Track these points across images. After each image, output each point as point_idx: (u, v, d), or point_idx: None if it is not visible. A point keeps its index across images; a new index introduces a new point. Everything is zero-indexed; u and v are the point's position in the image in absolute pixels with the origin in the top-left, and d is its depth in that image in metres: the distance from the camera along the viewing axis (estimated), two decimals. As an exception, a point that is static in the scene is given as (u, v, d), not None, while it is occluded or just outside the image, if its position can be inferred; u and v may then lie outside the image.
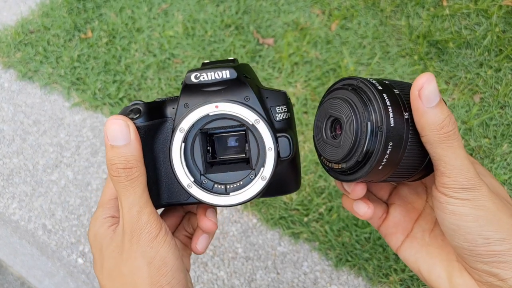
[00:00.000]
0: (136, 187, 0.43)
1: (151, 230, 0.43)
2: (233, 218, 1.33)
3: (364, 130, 0.39)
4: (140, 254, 0.43)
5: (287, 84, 1.54)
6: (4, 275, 1.37)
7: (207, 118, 0.46)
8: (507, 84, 1.48)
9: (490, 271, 0.40)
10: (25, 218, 1.41)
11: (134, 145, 0.44)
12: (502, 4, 1.61)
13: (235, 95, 0.46)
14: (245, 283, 1.24)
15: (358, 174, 0.41)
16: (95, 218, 0.48)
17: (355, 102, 0.41)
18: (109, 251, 0.45)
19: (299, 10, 1.73)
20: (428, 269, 0.46)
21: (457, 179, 0.39)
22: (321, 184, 1.33)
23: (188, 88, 0.46)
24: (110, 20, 1.77)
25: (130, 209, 0.43)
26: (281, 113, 0.48)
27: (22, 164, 1.51)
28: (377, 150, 0.39)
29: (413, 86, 0.39)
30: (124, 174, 0.43)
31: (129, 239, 0.43)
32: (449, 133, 0.38)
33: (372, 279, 1.21)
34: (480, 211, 0.39)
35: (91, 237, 0.47)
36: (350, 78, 0.43)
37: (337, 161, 0.42)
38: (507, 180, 1.32)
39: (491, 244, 0.39)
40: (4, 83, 1.70)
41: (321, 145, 0.45)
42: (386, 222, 0.51)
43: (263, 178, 0.45)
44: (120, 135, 0.43)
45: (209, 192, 0.46)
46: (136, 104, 0.48)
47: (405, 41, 1.61)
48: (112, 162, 0.43)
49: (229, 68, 0.45)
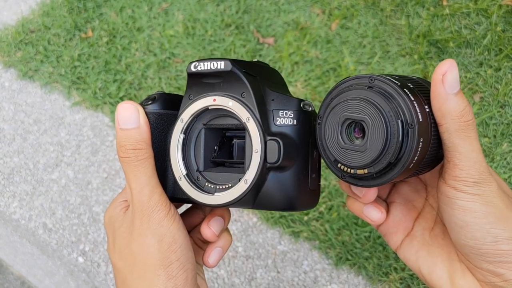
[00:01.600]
0: (146, 167, 0.44)
1: (162, 209, 0.44)
2: (233, 217, 1.33)
3: (394, 130, 0.37)
4: (150, 232, 0.43)
5: (287, 84, 1.54)
6: (4, 275, 1.37)
7: (207, 112, 0.46)
8: (507, 84, 1.48)
9: (495, 271, 0.39)
10: (26, 217, 1.42)
11: (143, 129, 0.44)
12: (502, 4, 1.61)
13: (232, 89, 0.44)
14: (245, 282, 1.24)
15: (388, 176, 0.39)
16: (113, 202, 0.49)
17: (377, 101, 0.38)
18: (120, 231, 0.46)
19: (299, 10, 1.73)
20: (429, 269, 0.45)
21: (470, 171, 0.38)
22: (321, 183, 1.33)
23: (191, 78, 0.46)
24: (111, 19, 1.78)
25: (142, 189, 0.44)
26: (284, 118, 0.44)
27: (22, 163, 1.51)
28: (410, 148, 0.36)
29: (436, 71, 0.38)
30: (134, 154, 0.43)
31: (139, 217, 0.44)
32: (468, 122, 0.38)
33: (372, 278, 1.21)
34: (489, 208, 0.38)
35: (106, 219, 0.49)
36: (358, 77, 0.40)
37: (364, 166, 0.39)
38: (507, 179, 1.33)
39: (499, 242, 0.38)
40: (5, 82, 1.70)
41: (337, 153, 0.40)
42: (386, 221, 0.50)
43: (246, 182, 0.42)
44: (129, 119, 0.44)
45: (197, 189, 0.45)
46: (157, 93, 0.48)
47: (405, 41, 1.62)
48: (122, 143, 0.44)
49: (224, 60, 0.43)
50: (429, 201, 0.49)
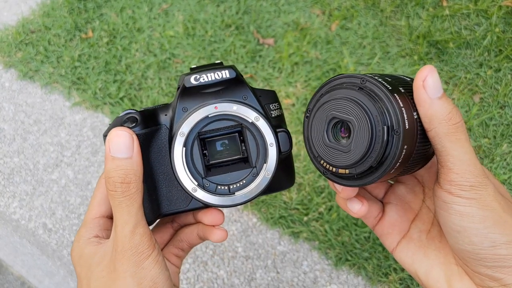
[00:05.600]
0: (131, 205, 0.42)
1: (144, 251, 0.42)
2: (233, 218, 1.33)
3: (379, 134, 0.36)
4: (129, 274, 0.42)
5: (287, 84, 1.54)
6: (4, 275, 1.37)
7: (205, 120, 0.46)
8: (506, 84, 1.48)
9: (493, 275, 0.39)
10: (26, 217, 1.42)
11: (136, 160, 0.43)
12: (502, 5, 1.62)
13: (234, 94, 0.46)
14: (245, 282, 1.24)
15: (368, 179, 0.38)
16: (79, 237, 0.47)
17: (365, 103, 0.37)
18: (98, 270, 0.43)
19: (299, 10, 1.73)
20: (426, 272, 0.44)
21: (465, 175, 0.37)
22: (321, 184, 1.33)
23: (187, 91, 0.46)
24: (111, 20, 1.78)
25: (123, 227, 0.42)
26: (275, 110, 0.49)
27: (22, 163, 1.51)
28: (393, 155, 0.36)
29: (417, 77, 0.38)
30: (121, 189, 0.41)
31: (120, 259, 0.42)
32: (457, 125, 0.37)
33: (371, 278, 1.21)
34: (487, 211, 0.37)
35: (75, 257, 0.46)
36: (350, 76, 0.40)
37: (346, 166, 0.39)
38: (507, 179, 1.33)
39: (497, 247, 0.37)
40: (5, 82, 1.70)
41: (321, 149, 0.41)
42: (382, 222, 0.49)
43: (267, 174, 0.46)
44: (123, 148, 0.42)
45: (213, 194, 0.46)
46: (130, 113, 0.47)
47: (405, 41, 1.62)
48: (110, 175, 0.42)
49: (228, 68, 0.46)
50: (426, 202, 0.48)
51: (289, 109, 1.49)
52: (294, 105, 1.50)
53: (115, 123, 0.46)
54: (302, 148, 1.41)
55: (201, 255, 1.29)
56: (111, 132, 0.42)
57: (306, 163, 1.37)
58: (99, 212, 0.48)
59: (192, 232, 0.53)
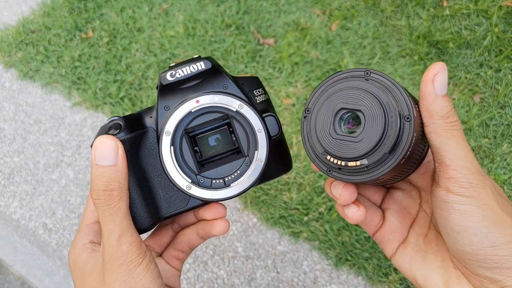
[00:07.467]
0: (114, 214, 0.41)
1: (133, 260, 0.41)
2: (233, 217, 1.33)
3: (393, 120, 0.36)
4: (119, 284, 0.41)
5: (288, 84, 1.54)
6: (5, 275, 1.37)
7: (189, 116, 0.45)
8: (507, 84, 1.48)
9: (492, 277, 0.38)
10: (26, 217, 1.42)
11: (120, 168, 0.42)
12: (502, 5, 1.61)
13: (213, 85, 0.45)
14: (245, 282, 1.24)
15: (380, 169, 0.37)
16: (75, 243, 0.46)
17: (375, 92, 0.37)
18: (90, 280, 0.43)
19: (299, 10, 1.73)
20: (424, 276, 0.44)
21: (463, 171, 0.38)
22: (321, 184, 1.33)
23: (165, 89, 0.45)
24: (111, 20, 1.78)
25: (109, 237, 0.41)
26: (260, 96, 0.49)
27: (23, 163, 1.52)
28: (405, 141, 0.36)
29: (428, 71, 0.38)
30: (104, 197, 0.41)
31: (108, 269, 0.41)
32: (454, 123, 0.38)
33: (371, 278, 1.21)
34: (486, 211, 0.37)
35: (71, 263, 0.46)
36: (352, 70, 0.40)
37: (357, 157, 0.38)
38: (507, 180, 1.33)
39: (496, 247, 0.37)
40: (5, 82, 1.70)
41: (329, 143, 0.39)
42: (383, 229, 0.49)
43: (260, 161, 0.45)
44: (107, 155, 0.42)
45: (209, 189, 0.45)
46: (113, 120, 0.47)
47: (405, 41, 1.62)
48: (93, 183, 0.42)
49: (203, 60, 0.45)
50: (422, 206, 0.48)
51: (289, 109, 1.49)
52: (294, 105, 1.50)
53: (100, 131, 0.46)
54: (302, 148, 1.41)
55: (201, 255, 1.29)
56: (96, 140, 0.42)
57: (306, 163, 1.37)
58: (93, 218, 0.48)
59: (192, 232, 0.53)
